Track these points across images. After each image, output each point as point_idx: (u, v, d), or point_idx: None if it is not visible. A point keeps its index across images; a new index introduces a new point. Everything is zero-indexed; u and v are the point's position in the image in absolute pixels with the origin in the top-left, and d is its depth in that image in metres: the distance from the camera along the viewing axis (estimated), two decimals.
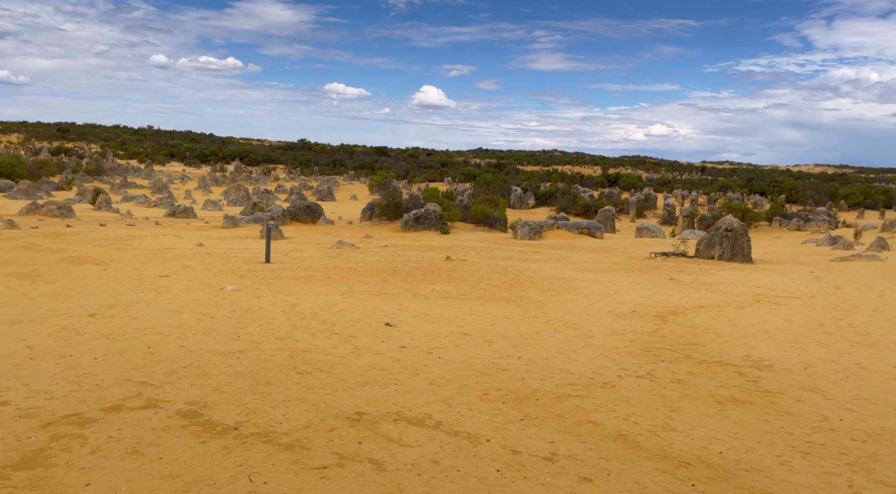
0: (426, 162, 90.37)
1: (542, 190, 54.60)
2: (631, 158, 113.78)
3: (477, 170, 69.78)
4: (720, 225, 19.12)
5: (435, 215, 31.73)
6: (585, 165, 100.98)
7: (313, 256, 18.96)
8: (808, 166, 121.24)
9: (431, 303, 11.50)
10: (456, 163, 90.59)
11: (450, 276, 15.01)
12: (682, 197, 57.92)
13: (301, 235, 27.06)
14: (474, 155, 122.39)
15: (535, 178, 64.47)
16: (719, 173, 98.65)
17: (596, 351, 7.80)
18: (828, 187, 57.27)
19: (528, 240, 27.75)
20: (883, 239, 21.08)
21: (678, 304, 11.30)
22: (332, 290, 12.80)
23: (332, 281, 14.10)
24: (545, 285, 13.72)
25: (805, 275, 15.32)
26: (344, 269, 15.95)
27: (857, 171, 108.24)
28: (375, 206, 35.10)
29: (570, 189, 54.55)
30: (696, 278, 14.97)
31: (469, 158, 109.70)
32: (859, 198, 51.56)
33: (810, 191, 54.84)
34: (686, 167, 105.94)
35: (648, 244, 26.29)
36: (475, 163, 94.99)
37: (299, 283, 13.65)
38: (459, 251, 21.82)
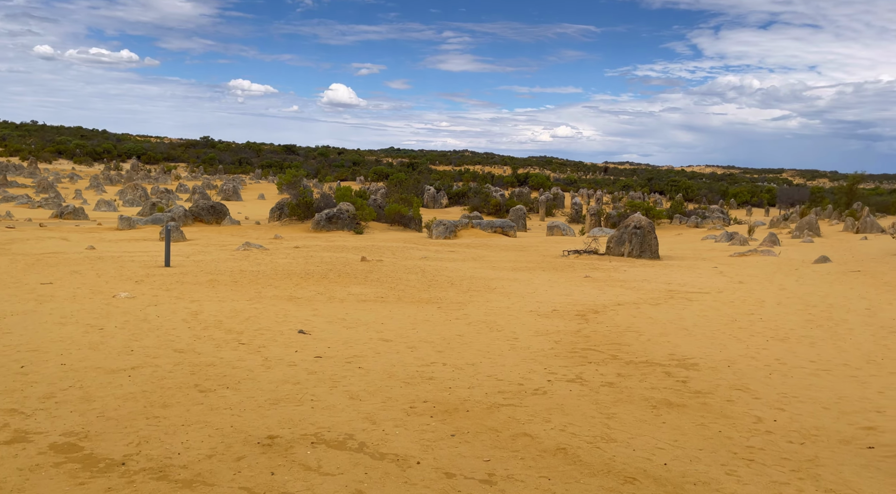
0: (337, 160, 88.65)
1: (455, 189, 54.69)
2: (538, 158, 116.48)
3: (389, 170, 69.10)
4: (629, 222, 19.54)
5: (348, 215, 30.91)
6: (495, 165, 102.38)
7: (218, 259, 17.80)
8: (700, 167, 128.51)
9: (348, 307, 10.88)
10: (368, 162, 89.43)
11: (366, 278, 14.42)
12: (588, 196, 59.70)
13: (205, 237, 25.52)
14: (386, 154, 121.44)
15: (448, 178, 64.57)
16: (621, 173, 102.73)
17: (522, 353, 7.49)
18: (719, 187, 60.78)
19: (444, 240, 27.49)
20: (774, 234, 22.29)
21: (597, 302, 11.26)
22: (238, 295, 11.91)
23: (239, 285, 13.18)
24: (464, 285, 13.40)
25: (710, 271, 15.82)
26: (252, 272, 15.00)
27: (742, 172, 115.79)
28: (285, 206, 33.80)
29: (482, 188, 54.95)
30: (609, 275, 15.12)
31: (381, 157, 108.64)
32: (747, 196, 54.99)
33: (704, 190, 57.97)
34: (590, 167, 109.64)
35: (560, 242, 26.66)
36: (387, 162, 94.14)
37: (203, 288, 12.65)
38: (375, 251, 21.21)
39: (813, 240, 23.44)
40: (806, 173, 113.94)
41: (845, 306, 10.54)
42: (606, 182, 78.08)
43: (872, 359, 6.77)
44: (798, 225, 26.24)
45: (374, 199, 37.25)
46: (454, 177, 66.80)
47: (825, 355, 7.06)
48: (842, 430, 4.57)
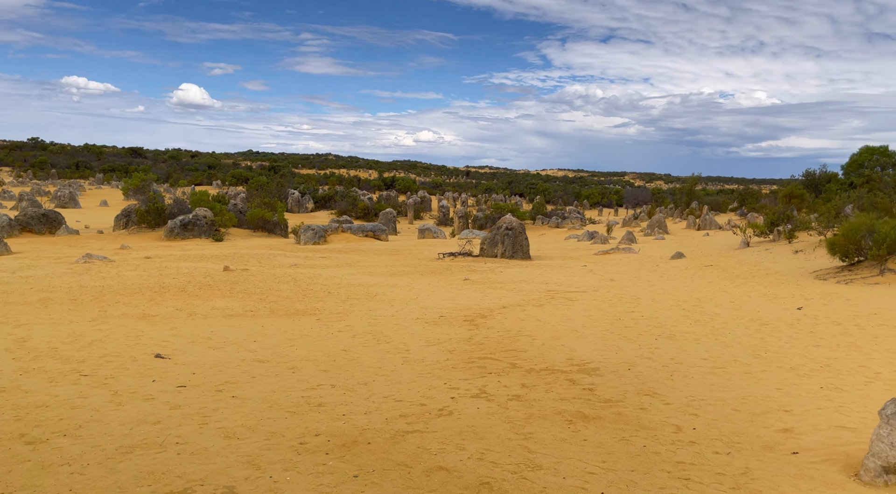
0: (190, 164, 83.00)
1: (321, 193, 53.04)
2: (403, 162, 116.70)
3: (249, 173, 65.71)
4: (500, 224, 19.61)
5: (206, 221, 28.66)
6: (360, 169, 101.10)
7: (53, 273, 15.51)
8: (553, 170, 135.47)
9: (213, 324, 9.67)
10: (225, 166, 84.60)
11: (231, 289, 13.10)
12: (454, 199, 60.45)
13: (36, 249, 22.37)
14: (244, 157, 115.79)
15: (313, 182, 62.56)
16: (482, 177, 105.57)
17: (417, 367, 6.87)
18: (572, 189, 64.15)
19: (313, 245, 26.24)
20: (631, 233, 23.51)
21: (482, 305, 10.91)
22: (78, 316, 10.23)
23: (79, 303, 11.41)
24: (342, 293, 12.54)
25: (580, 270, 16.16)
26: (95, 288, 13.13)
27: (591, 175, 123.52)
28: (132, 213, 30.71)
29: (349, 192, 53.77)
30: (487, 277, 14.92)
31: (239, 161, 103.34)
32: (598, 197, 58.43)
33: (559, 192, 60.84)
34: (453, 171, 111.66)
35: (433, 245, 26.40)
36: (246, 165, 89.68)
37: (32, 309, 10.78)
38: (238, 260, 19.65)
39: (664, 237, 25.04)
40: (645, 175, 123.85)
41: (712, 300, 11.01)
42: (469, 185, 79.72)
43: (757, 354, 6.91)
44: (649, 223, 27.98)
45: (234, 204, 34.94)
46: (319, 180, 64.89)
47: (714, 352, 7.13)
48: (761, 435, 4.42)
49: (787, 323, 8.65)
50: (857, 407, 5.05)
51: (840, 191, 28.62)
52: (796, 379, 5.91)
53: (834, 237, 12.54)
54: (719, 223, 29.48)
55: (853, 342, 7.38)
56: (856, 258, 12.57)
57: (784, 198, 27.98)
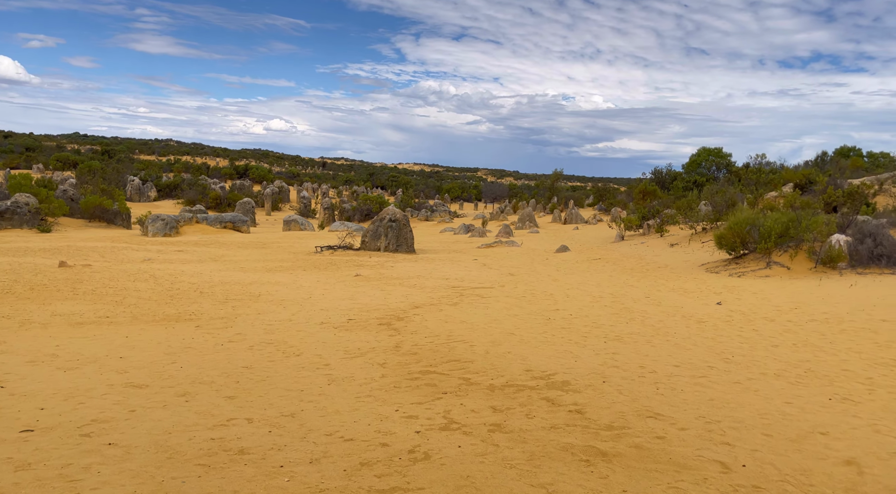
0: (4, 145, 72.00)
1: (166, 181, 48.11)
2: (254, 151, 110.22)
3: (78, 157, 58.15)
4: (384, 216, 18.32)
5: (29, 208, 24.42)
6: (206, 157, 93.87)
7: None
8: (409, 164, 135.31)
9: (58, 335, 7.49)
10: (47, 149, 74.41)
11: (75, 290, 10.64)
12: (313, 189, 57.82)
13: None
14: (70, 140, 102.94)
15: (155, 168, 56.68)
16: (339, 168, 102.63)
17: (350, 388, 5.49)
18: (432, 183, 63.99)
19: (164, 237, 23.18)
20: (508, 226, 23.26)
21: (390, 306, 9.61)
22: None
23: None
24: (218, 293, 10.60)
25: (473, 264, 15.35)
26: None
27: (446, 170, 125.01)
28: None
29: (198, 180, 49.32)
30: (380, 272, 13.61)
31: (63, 143, 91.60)
32: (458, 191, 58.73)
33: (421, 185, 60.38)
34: (308, 161, 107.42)
35: (302, 237, 24.41)
36: (73, 148, 79.58)
37: None
38: (76, 253, 16.59)
39: (538, 230, 25.15)
40: (496, 172, 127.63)
41: (626, 295, 10.60)
42: (327, 176, 76.93)
43: (726, 358, 6.35)
44: (520, 217, 28.09)
45: (63, 191, 30.24)
46: (162, 167, 59.00)
47: (677, 356, 6.48)
48: (829, 472, 3.62)
49: (722, 320, 8.33)
50: (890, 423, 4.53)
51: (686, 188, 30.62)
52: (794, 389, 5.36)
53: (722, 231, 12.83)
54: (584, 217, 30.39)
55: (804, 340, 7.12)
56: (742, 251, 12.98)
57: (639, 194, 29.35)
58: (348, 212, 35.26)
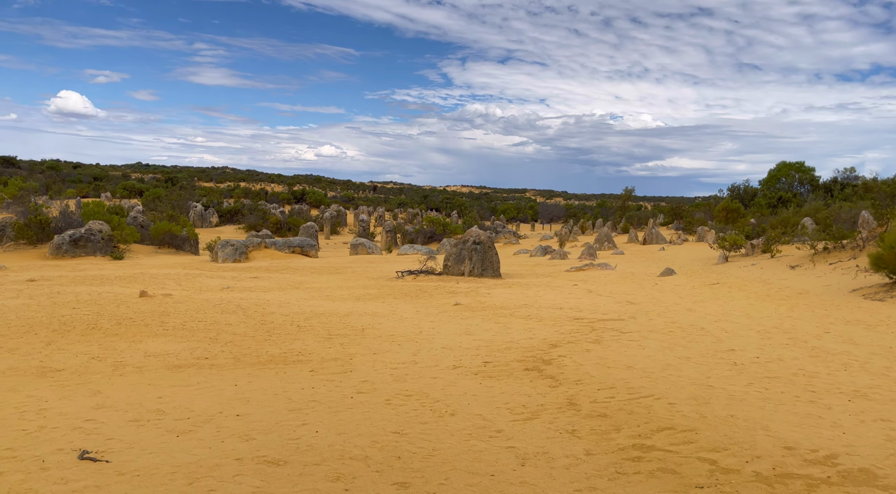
0: (73, 175, 74.15)
1: (227, 207, 48.21)
2: (306, 177, 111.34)
3: (142, 185, 59.18)
4: (467, 238, 17.05)
5: (102, 236, 24.09)
6: (262, 182, 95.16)
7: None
8: (457, 186, 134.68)
9: (158, 383, 6.37)
10: (113, 178, 76.43)
11: (163, 325, 9.62)
12: (369, 213, 57.30)
13: None
14: (133, 170, 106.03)
15: (216, 195, 57.12)
16: (388, 192, 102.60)
17: (557, 475, 4.11)
18: (485, 204, 62.76)
19: (234, 263, 22.46)
20: (591, 247, 21.69)
21: (520, 343, 8.24)
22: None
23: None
24: (318, 327, 9.43)
25: (576, 289, 13.86)
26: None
27: (493, 191, 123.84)
28: (8, 226, 25.41)
29: (258, 205, 49.28)
30: (478, 301, 12.27)
31: (128, 172, 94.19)
32: (514, 212, 57.28)
33: (475, 207, 59.20)
34: (359, 186, 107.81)
35: (373, 261, 23.35)
36: (137, 177, 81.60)
37: None
38: (151, 281, 15.81)
39: (622, 252, 23.49)
40: (544, 192, 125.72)
41: (798, 329, 8.89)
42: (379, 200, 76.61)
43: None
44: (597, 237, 26.46)
45: (133, 217, 30.09)
46: (222, 193, 59.47)
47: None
48: None
49: None
50: None
51: (770, 205, 28.49)
52: None
53: (880, 251, 11.08)
54: (665, 237, 28.51)
55: None
56: None
57: (721, 212, 27.40)
58: (410, 234, 34.23)
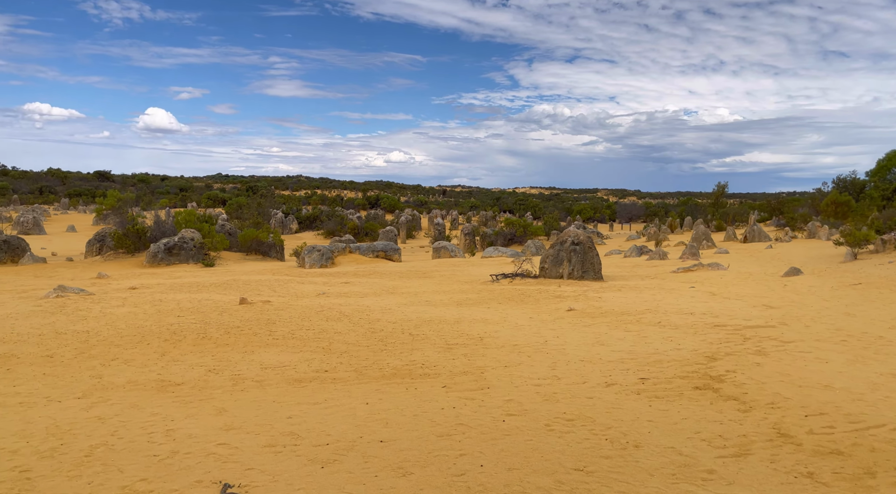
0: (161, 187, 77.64)
1: (305, 213, 48.88)
2: (377, 182, 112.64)
3: (225, 195, 61.06)
4: (564, 238, 16.08)
5: (194, 243, 24.48)
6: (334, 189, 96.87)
7: (16, 313, 11.37)
8: (526, 188, 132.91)
9: (282, 399, 5.82)
10: (197, 188, 79.53)
11: (272, 333, 9.20)
12: (442, 216, 56.94)
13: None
14: (214, 180, 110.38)
15: (295, 202, 58.20)
16: (458, 195, 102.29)
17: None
18: (557, 205, 61.16)
19: (321, 268, 22.30)
20: (694, 246, 20.23)
21: (668, 355, 7.28)
22: (60, 387, 6.30)
23: (59, 362, 7.44)
24: (431, 335, 8.76)
25: (695, 292, 12.66)
26: (77, 335, 9.12)
27: (564, 192, 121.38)
28: (108, 236, 26.31)
29: (335, 211, 49.75)
30: (591, 305, 11.32)
31: (210, 183, 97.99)
32: (590, 212, 55.48)
33: (550, 208, 57.76)
34: (428, 190, 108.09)
35: (458, 264, 22.69)
36: (219, 187, 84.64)
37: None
38: (245, 288, 15.68)
39: (727, 251, 21.86)
40: (616, 192, 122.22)
41: None
42: (449, 203, 76.26)
43: None
44: (694, 236, 24.82)
45: (221, 225, 30.68)
46: (300, 200, 60.57)
47: None
48: None
49: None
50: None
51: (885, 198, 26.04)
52: None
53: None
54: (768, 234, 26.50)
55: None
56: None
57: (828, 206, 25.19)
58: (490, 236, 33.42)
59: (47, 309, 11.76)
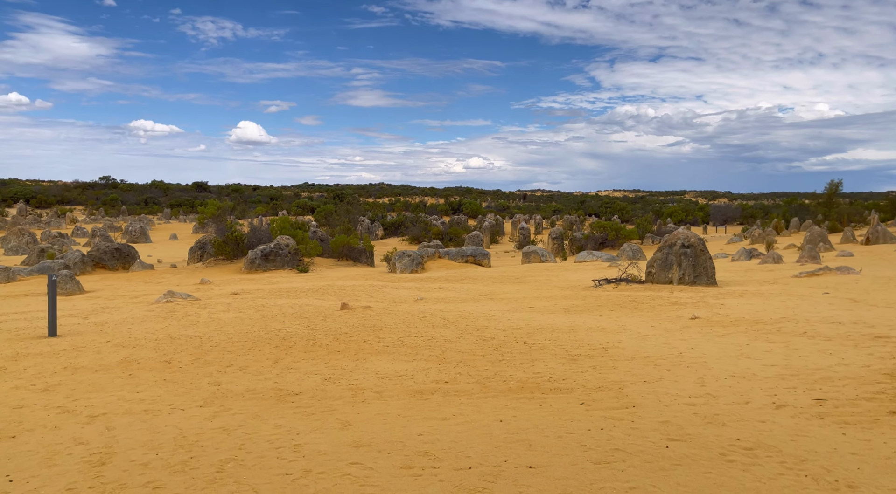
0: (253, 196, 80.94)
1: (390, 220, 49.35)
2: (457, 189, 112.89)
3: (313, 202, 62.73)
4: (673, 241, 15.02)
5: (289, 250, 24.94)
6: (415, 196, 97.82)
7: (132, 317, 11.68)
8: (609, 191, 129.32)
9: (407, 414, 5.38)
10: (286, 197, 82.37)
11: (380, 340, 8.88)
12: (525, 220, 56.04)
13: (110, 286, 18.84)
14: (301, 189, 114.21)
15: (380, 209, 59.01)
16: (538, 199, 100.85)
17: None
18: (653, 207, 58.75)
19: (412, 274, 22.11)
20: (814, 248, 18.54)
21: (836, 372, 6.36)
22: (180, 394, 6.16)
23: (176, 368, 7.37)
24: (547, 344, 8.15)
25: (831, 298, 11.40)
26: (190, 340, 9.13)
27: (649, 195, 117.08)
28: (208, 244, 27.32)
29: (419, 217, 49.95)
30: (716, 312, 10.35)
31: (298, 192, 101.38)
32: (682, 215, 52.95)
33: (639, 210, 55.62)
34: (508, 195, 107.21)
35: (551, 269, 21.91)
36: (306, 196, 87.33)
37: (111, 380, 6.81)
38: (341, 293, 15.62)
39: (852, 254, 19.98)
40: (706, 193, 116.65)
41: None
42: (530, 208, 75.13)
43: None
44: (808, 238, 22.86)
45: (313, 232, 31.26)
46: (385, 207, 61.35)
47: None
48: None
49: None
50: None
51: None
52: None
53: None
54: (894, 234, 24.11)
55: None
56: None
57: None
58: (579, 240, 32.33)
59: (159, 314, 12.03)
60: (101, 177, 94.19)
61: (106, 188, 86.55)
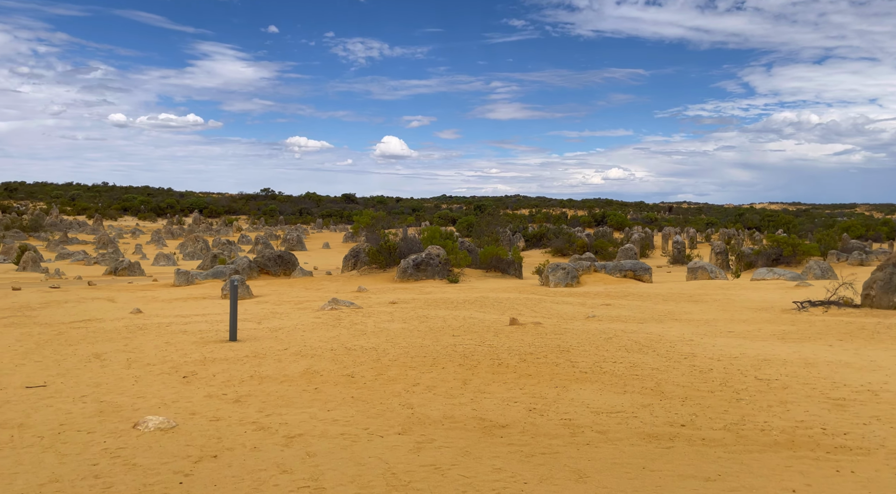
0: (396, 208, 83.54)
1: (532, 231, 48.21)
2: (595, 200, 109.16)
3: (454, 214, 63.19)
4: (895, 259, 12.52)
5: (439, 260, 24.62)
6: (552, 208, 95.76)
7: (302, 325, 11.57)
8: (763, 204, 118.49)
9: (659, 471, 4.24)
10: (427, 209, 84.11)
11: (573, 364, 7.82)
12: (674, 234, 52.35)
13: (275, 291, 19.48)
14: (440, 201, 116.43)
15: (521, 220, 58.10)
16: (685, 212, 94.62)
17: None
18: (825, 221, 52.47)
19: (566, 288, 20.82)
20: None
21: None
22: (373, 416, 5.50)
23: (361, 384, 6.80)
24: (790, 383, 6.64)
25: None
26: (366, 352, 8.64)
27: (812, 207, 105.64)
28: (361, 252, 27.80)
29: (562, 229, 48.34)
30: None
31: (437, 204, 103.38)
32: (861, 230, 46.60)
33: (807, 225, 49.85)
34: (652, 207, 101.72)
35: (724, 287, 19.61)
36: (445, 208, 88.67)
37: (298, 394, 6.37)
38: (499, 306, 14.75)
39: None
40: (881, 207, 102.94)
41: None
42: (678, 220, 70.37)
43: None
44: None
45: (462, 242, 30.94)
46: (525, 219, 60.33)
47: None
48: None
49: None
50: None
51: None
52: None
53: None
54: None
55: None
56: None
57: None
58: (748, 256, 29.15)
59: (327, 322, 11.86)
60: (262, 189, 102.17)
61: (266, 199, 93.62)
